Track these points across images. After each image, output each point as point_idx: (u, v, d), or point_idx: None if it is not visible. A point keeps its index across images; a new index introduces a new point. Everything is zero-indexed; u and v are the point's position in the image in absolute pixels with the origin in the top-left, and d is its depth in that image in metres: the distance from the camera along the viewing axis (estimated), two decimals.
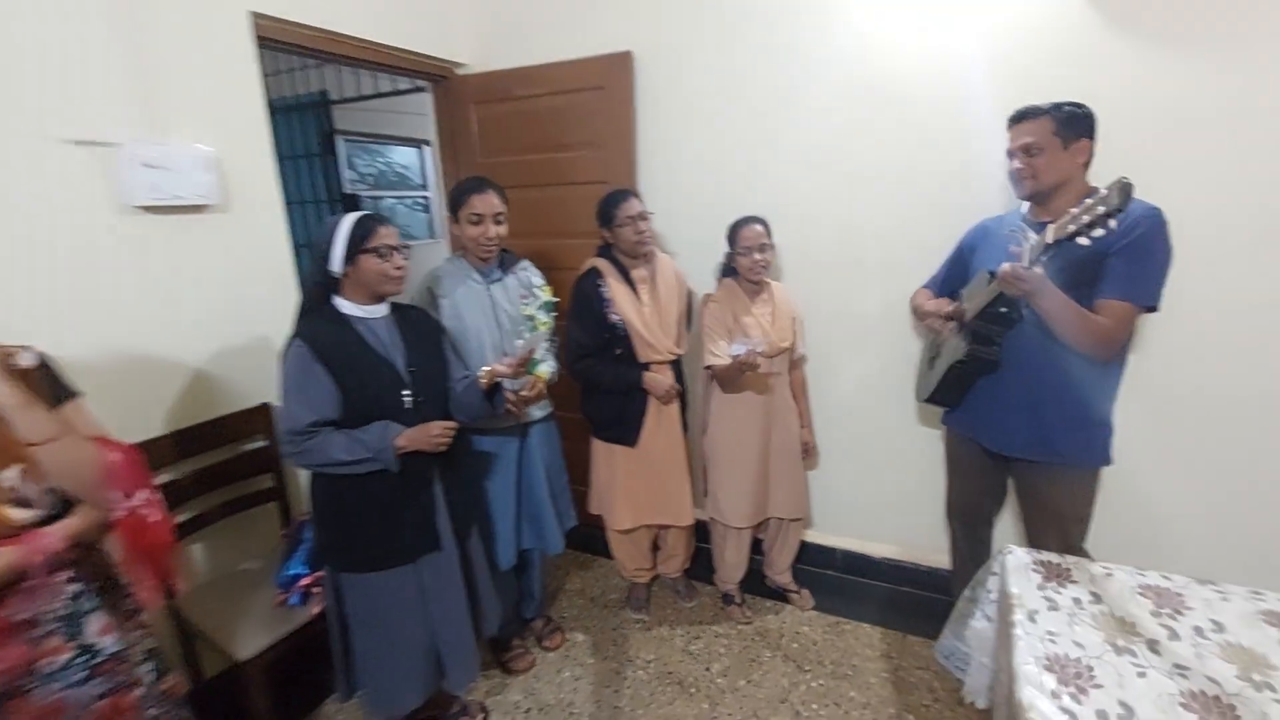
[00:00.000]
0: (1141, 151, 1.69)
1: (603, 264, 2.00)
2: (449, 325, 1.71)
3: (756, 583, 2.37)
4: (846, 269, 2.18)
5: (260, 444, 1.88)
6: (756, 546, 2.33)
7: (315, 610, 1.59)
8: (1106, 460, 1.56)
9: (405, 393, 1.45)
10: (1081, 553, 1.62)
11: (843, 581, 2.41)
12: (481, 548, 1.70)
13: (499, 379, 1.56)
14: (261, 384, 1.85)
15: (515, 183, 2.36)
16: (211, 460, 1.75)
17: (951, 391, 1.69)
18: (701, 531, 2.32)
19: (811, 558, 2.45)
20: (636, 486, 2.09)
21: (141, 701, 1.09)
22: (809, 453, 2.19)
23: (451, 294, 1.75)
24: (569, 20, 2.36)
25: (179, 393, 1.70)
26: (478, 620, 1.65)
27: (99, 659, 1.05)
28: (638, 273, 2.02)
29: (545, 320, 1.82)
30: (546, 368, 1.82)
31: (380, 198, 4.68)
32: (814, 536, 2.46)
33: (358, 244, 1.39)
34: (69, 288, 1.45)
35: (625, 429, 2.04)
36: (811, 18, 2.03)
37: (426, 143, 4.70)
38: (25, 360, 1.02)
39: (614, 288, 1.97)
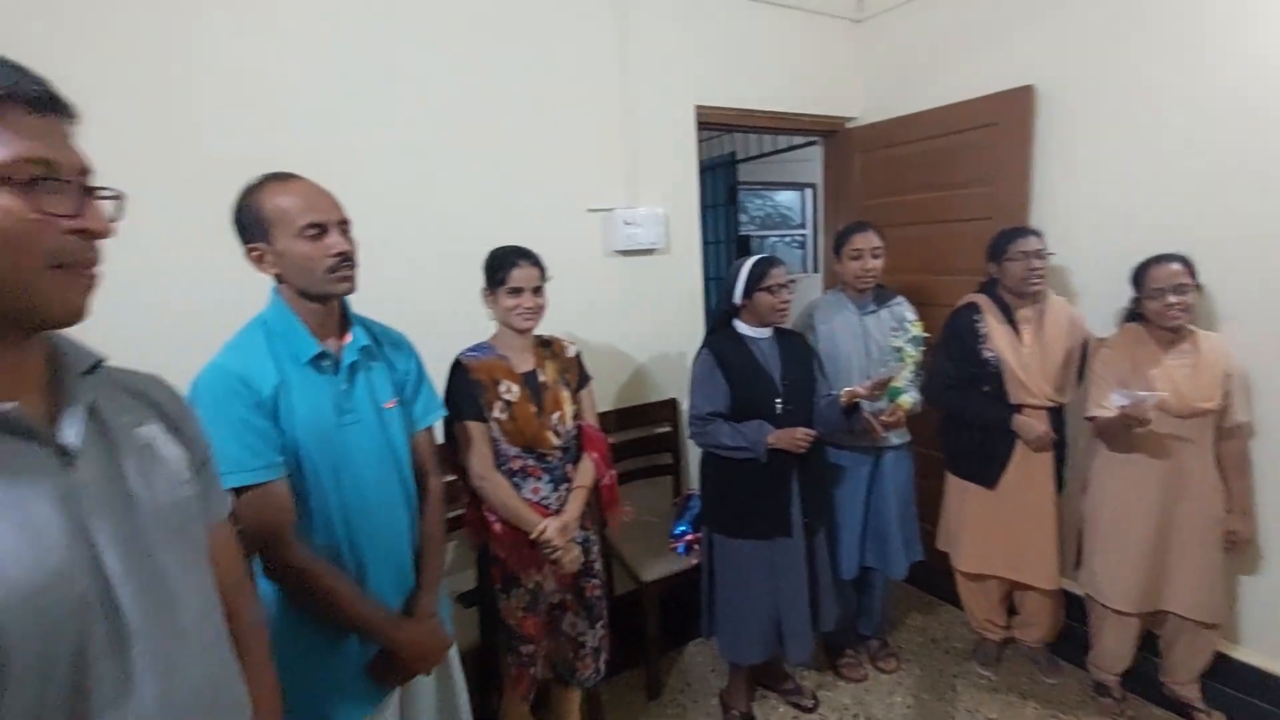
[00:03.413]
0: None
1: (982, 300, 2.01)
2: (823, 349, 1.98)
3: (1150, 686, 1.99)
4: None
5: (666, 429, 2.46)
6: (1152, 643, 1.96)
7: (694, 561, 2.03)
8: None
9: (778, 400, 1.77)
10: None
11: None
12: (826, 549, 1.91)
13: (858, 399, 1.76)
14: (672, 383, 2.43)
15: (895, 222, 2.54)
16: (634, 435, 2.39)
17: None
18: (1078, 609, 2.06)
19: (1238, 680, 1.93)
20: (988, 531, 2.02)
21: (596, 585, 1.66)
22: (1237, 545, 1.76)
23: (828, 322, 2.02)
24: (964, 63, 2.41)
25: (623, 381, 2.38)
26: (816, 610, 1.86)
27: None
28: (1023, 312, 1.96)
29: (913, 353, 1.93)
30: (909, 398, 1.92)
31: (765, 236, 5.28)
32: (1246, 654, 1.93)
33: (755, 282, 1.76)
34: (578, 302, 2.19)
35: (984, 468, 2.00)
36: (1243, 38, 1.71)
37: (808, 185, 5.14)
38: (570, 351, 1.67)
39: (991, 324, 1.96)
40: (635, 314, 2.36)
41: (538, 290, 1.54)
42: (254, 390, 1.02)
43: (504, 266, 1.51)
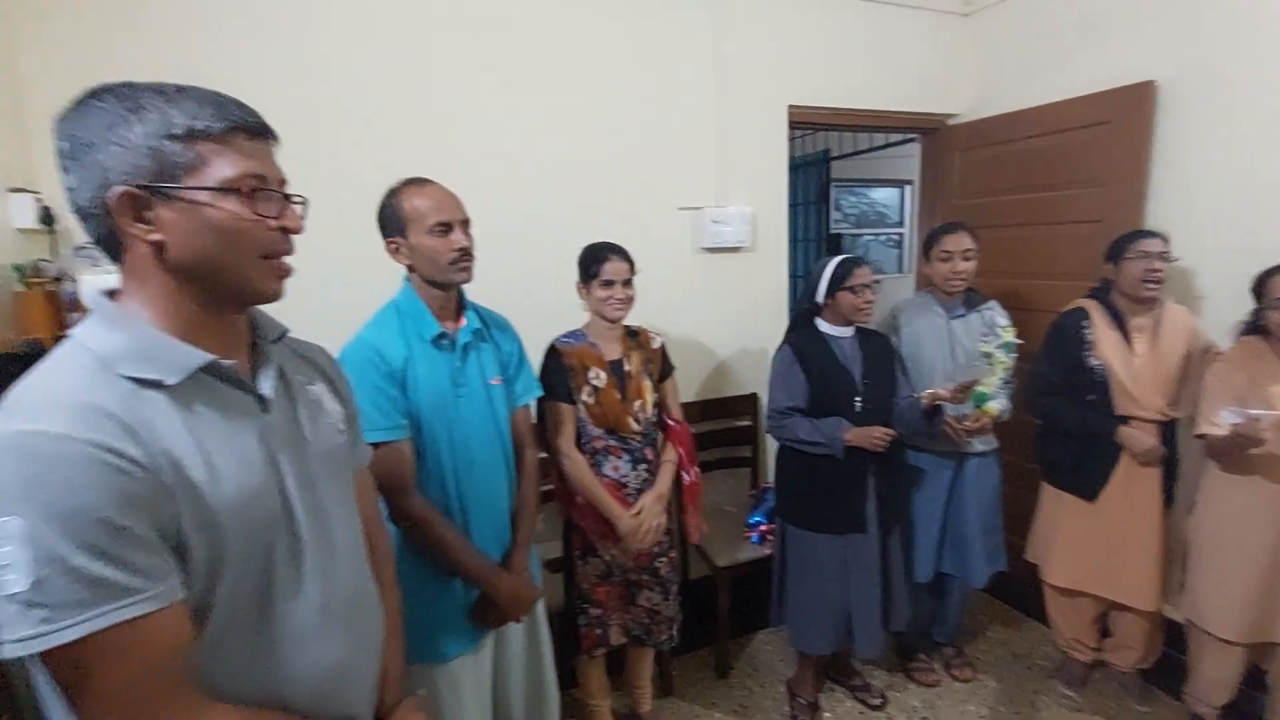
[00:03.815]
0: None
1: (1091, 305, 1.93)
2: (906, 351, 1.98)
3: None
4: None
5: (746, 423, 2.52)
6: (1259, 679, 1.82)
7: (766, 552, 2.10)
8: None
9: (857, 399, 1.79)
10: None
11: None
12: (900, 549, 1.92)
13: (939, 402, 1.75)
14: (753, 378, 2.49)
15: (992, 223, 2.47)
16: (715, 427, 2.47)
17: None
18: (1177, 639, 1.94)
19: None
20: (1083, 545, 1.94)
21: (671, 560, 1.78)
22: None
23: (912, 324, 2.01)
24: (1078, 57, 2.29)
25: (706, 374, 2.47)
26: (888, 608, 1.88)
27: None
28: (1137, 320, 1.87)
29: (1003, 360, 1.88)
30: (996, 404, 1.88)
31: (859, 235, 5.14)
32: None
33: (838, 282, 1.80)
34: (667, 296, 2.29)
35: (1084, 479, 1.92)
36: None
37: (906, 182, 4.96)
38: (655, 342, 1.78)
39: (1100, 330, 1.88)
40: (720, 309, 2.44)
41: (627, 283, 1.66)
42: (387, 362, 1.20)
43: (597, 260, 1.64)
